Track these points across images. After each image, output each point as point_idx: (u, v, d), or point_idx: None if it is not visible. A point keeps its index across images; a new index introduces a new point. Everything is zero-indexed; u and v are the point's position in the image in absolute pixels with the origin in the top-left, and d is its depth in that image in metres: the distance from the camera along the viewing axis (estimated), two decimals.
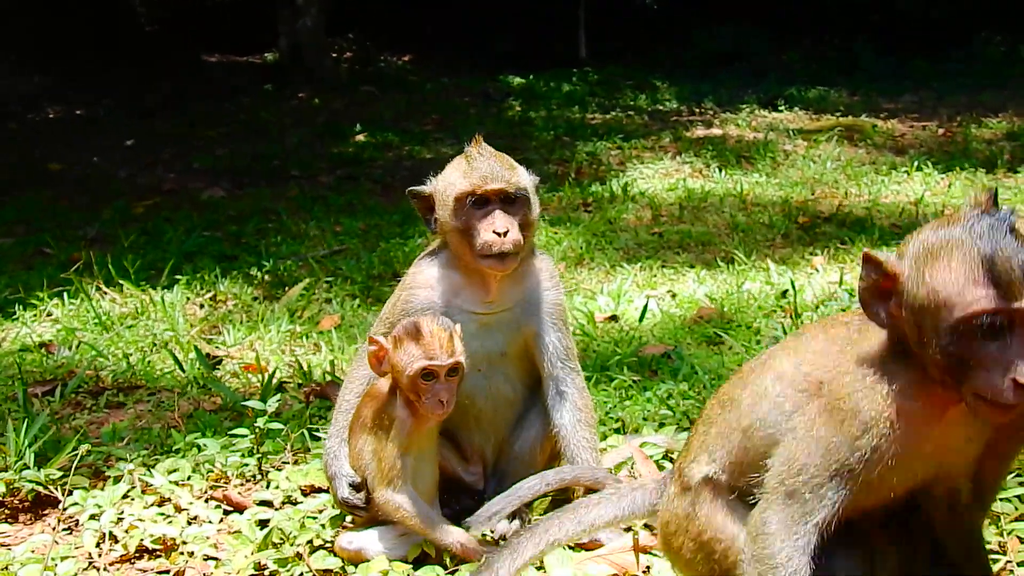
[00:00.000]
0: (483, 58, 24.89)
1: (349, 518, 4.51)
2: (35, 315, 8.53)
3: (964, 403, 2.68)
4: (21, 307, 8.64)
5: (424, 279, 4.57)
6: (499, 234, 4.31)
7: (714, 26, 25.42)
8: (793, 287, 8.08)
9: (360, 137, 18.01)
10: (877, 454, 2.76)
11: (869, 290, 2.80)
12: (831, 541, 2.89)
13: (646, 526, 4.30)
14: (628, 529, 4.35)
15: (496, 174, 4.39)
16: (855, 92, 21.48)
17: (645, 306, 7.92)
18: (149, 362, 7.29)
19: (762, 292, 8.37)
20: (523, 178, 4.50)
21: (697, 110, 20.04)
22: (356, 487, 4.37)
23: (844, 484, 2.80)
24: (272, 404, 5.16)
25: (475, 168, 4.41)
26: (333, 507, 4.61)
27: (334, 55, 25.63)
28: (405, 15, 26.56)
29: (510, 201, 4.41)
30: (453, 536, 4.15)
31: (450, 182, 4.45)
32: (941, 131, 17.10)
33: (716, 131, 17.36)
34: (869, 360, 2.84)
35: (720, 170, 13.79)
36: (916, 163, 13.61)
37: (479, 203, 4.38)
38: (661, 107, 20.59)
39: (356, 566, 4.18)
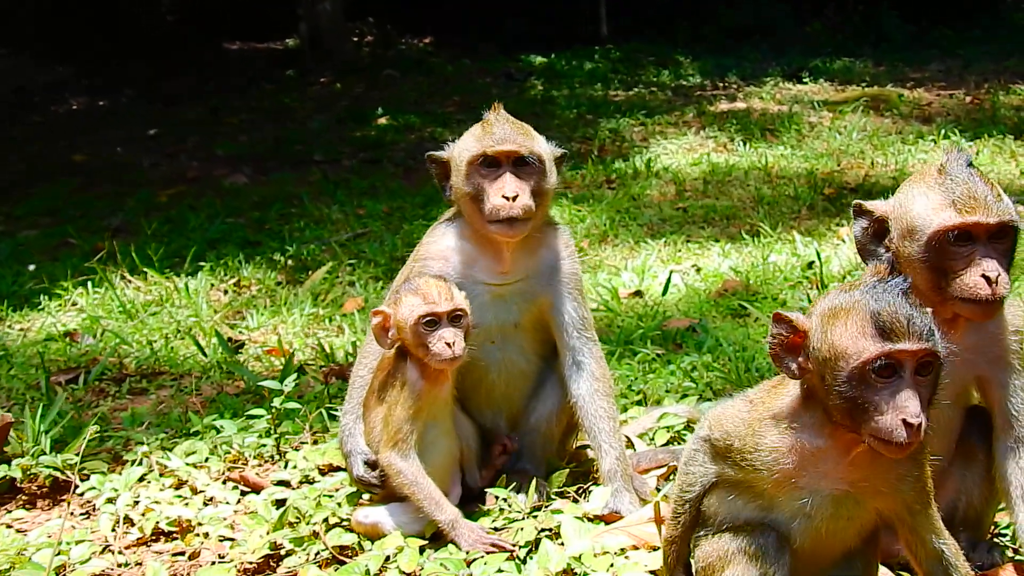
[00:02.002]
0: (504, 38, 24.77)
1: (367, 495, 4.47)
2: (60, 305, 8.56)
3: (865, 444, 2.99)
4: (46, 297, 8.67)
5: (438, 249, 4.50)
6: (508, 198, 4.24)
7: None
8: (819, 258, 8.01)
9: (382, 120, 17.96)
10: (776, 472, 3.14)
11: (780, 345, 3.13)
12: None
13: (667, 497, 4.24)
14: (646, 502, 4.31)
15: (509, 137, 4.32)
16: (880, 62, 21.25)
17: (668, 279, 7.86)
18: (172, 348, 7.30)
19: (788, 264, 8.30)
20: (539, 145, 4.43)
21: (721, 84, 19.88)
22: (372, 464, 4.33)
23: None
24: (289, 384, 5.12)
25: (488, 132, 4.35)
26: (350, 485, 4.57)
27: (354, 39, 25.59)
28: None
29: (522, 165, 4.33)
30: (447, 514, 4.07)
31: (464, 146, 4.40)
32: (968, 99, 16.88)
33: (740, 105, 17.20)
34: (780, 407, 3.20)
35: (744, 144, 13.67)
36: (943, 131, 13.45)
37: (490, 166, 4.31)
38: (684, 82, 20.44)
39: (372, 542, 4.14)
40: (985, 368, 3.71)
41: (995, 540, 4.04)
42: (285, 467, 5.01)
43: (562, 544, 3.93)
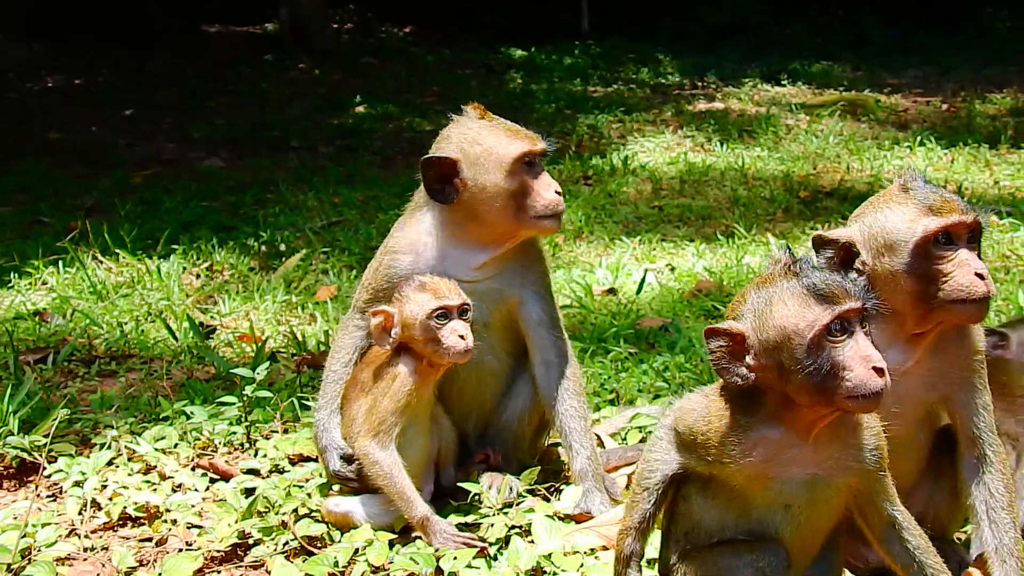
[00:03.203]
0: (485, 30, 24.76)
1: (338, 486, 4.45)
2: (30, 283, 8.48)
3: (839, 411, 3.06)
4: (16, 275, 8.59)
5: (408, 243, 4.48)
6: (559, 193, 4.33)
7: None
8: None
9: (360, 108, 17.92)
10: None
11: (722, 356, 3.15)
12: None
13: None
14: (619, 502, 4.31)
15: (538, 136, 4.40)
16: (859, 67, 21.38)
17: (643, 279, 7.87)
18: (143, 331, 7.24)
19: (761, 266, 8.31)
20: None
21: (700, 84, 19.95)
22: (348, 459, 4.30)
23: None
24: (261, 372, 5.09)
25: (516, 131, 4.38)
26: (321, 476, 4.55)
27: (335, 26, 25.49)
28: None
29: (542, 162, 4.42)
30: (419, 511, 4.07)
31: (497, 144, 4.35)
32: (945, 106, 17.02)
33: (718, 105, 17.26)
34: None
35: (722, 144, 13.72)
36: (919, 138, 13.53)
37: (531, 164, 4.35)
38: (663, 80, 20.50)
39: (341, 532, 4.13)
40: (948, 389, 3.75)
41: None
42: (255, 455, 4.98)
43: (532, 542, 3.93)
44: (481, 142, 4.38)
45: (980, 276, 3.49)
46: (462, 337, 4.10)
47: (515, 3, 25.67)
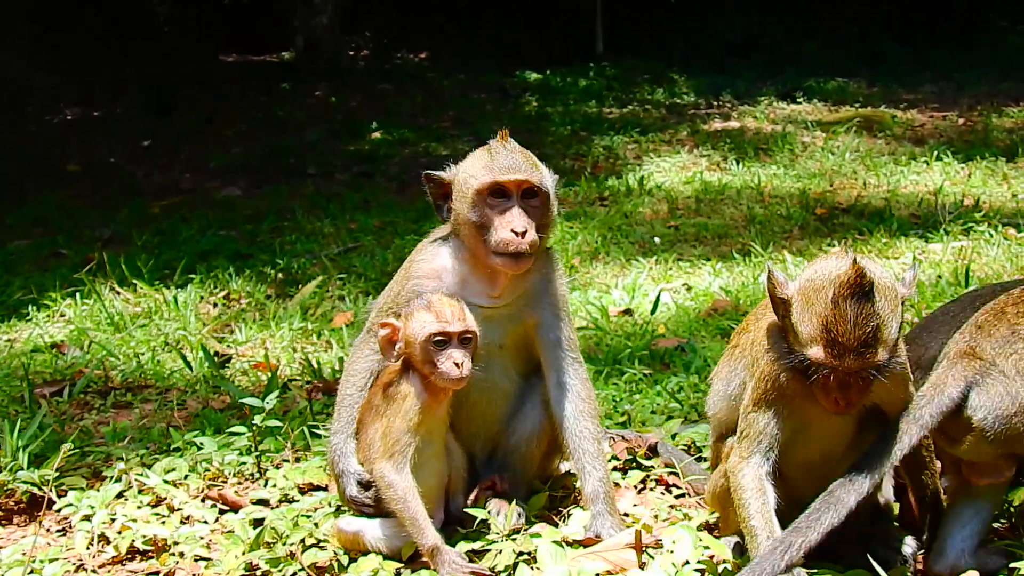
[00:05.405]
0: (499, 54, 24.74)
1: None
2: (48, 316, 8.53)
3: None
4: (35, 308, 8.64)
5: (431, 268, 4.45)
6: (517, 233, 4.20)
7: (732, 16, 25.24)
8: None
9: (376, 134, 17.97)
10: None
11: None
12: None
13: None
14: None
15: (518, 167, 4.26)
16: (874, 83, 21.32)
17: (657, 298, 7.83)
18: (159, 361, 7.27)
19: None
20: (546, 176, 4.39)
21: (715, 103, 19.93)
22: (365, 485, 4.25)
23: None
24: (272, 401, 5.07)
25: (497, 160, 4.28)
26: (329, 505, 4.52)
27: (350, 52, 25.58)
28: (421, 11, 26.50)
29: (530, 196, 4.29)
30: (429, 539, 4.00)
31: (470, 173, 4.31)
32: (961, 120, 16.96)
33: (734, 124, 17.25)
34: None
35: (738, 163, 13.69)
36: (936, 153, 13.47)
37: (499, 196, 4.26)
38: (678, 100, 20.48)
39: (349, 560, 4.10)
40: None
41: None
42: (265, 486, 4.95)
43: (537, 569, 3.89)
44: (466, 167, 4.37)
45: None
46: (458, 365, 4.05)
47: (530, 26, 25.72)
